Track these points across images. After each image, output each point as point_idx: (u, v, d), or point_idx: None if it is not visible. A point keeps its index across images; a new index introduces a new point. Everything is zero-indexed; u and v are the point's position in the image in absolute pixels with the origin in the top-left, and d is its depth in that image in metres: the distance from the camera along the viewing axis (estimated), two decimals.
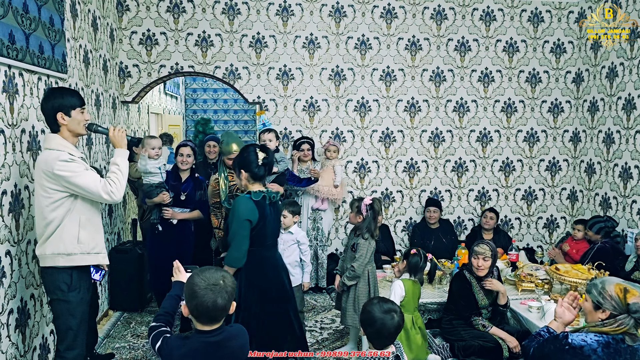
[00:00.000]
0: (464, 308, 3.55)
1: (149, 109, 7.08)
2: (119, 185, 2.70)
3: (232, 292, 1.90)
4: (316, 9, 5.55)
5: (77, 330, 2.70)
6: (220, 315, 1.88)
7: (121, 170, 2.75)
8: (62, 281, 2.66)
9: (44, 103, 2.68)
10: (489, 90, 5.90)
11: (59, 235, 2.63)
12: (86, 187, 2.60)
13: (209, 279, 1.85)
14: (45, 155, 2.61)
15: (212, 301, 1.82)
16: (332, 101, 5.68)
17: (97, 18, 4.55)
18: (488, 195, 6.04)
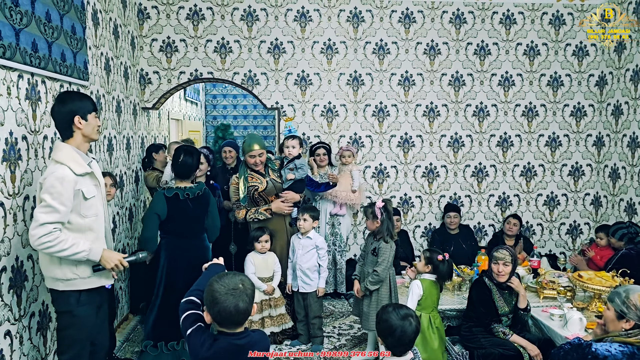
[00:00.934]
0: (484, 315, 3.49)
1: (169, 115, 7.16)
2: (55, 247, 2.43)
3: (252, 295, 1.92)
4: (334, 14, 5.55)
5: (82, 344, 2.63)
6: (243, 319, 1.90)
7: (73, 252, 2.48)
8: (72, 296, 2.59)
9: (59, 107, 2.59)
10: (510, 94, 5.83)
11: (54, 260, 2.51)
12: (36, 215, 2.42)
13: (229, 284, 1.87)
14: (49, 169, 2.50)
15: (234, 305, 1.84)
16: (350, 106, 5.67)
17: (119, 26, 4.62)
18: (509, 200, 5.96)
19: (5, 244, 2.63)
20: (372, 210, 3.72)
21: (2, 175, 2.60)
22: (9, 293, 2.66)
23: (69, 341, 2.61)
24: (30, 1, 2.83)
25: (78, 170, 2.53)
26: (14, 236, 2.71)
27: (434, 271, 3.51)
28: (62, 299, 2.58)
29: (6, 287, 2.63)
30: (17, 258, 2.75)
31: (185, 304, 2.05)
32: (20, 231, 2.78)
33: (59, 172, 2.46)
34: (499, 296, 3.52)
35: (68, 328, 2.60)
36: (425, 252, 3.57)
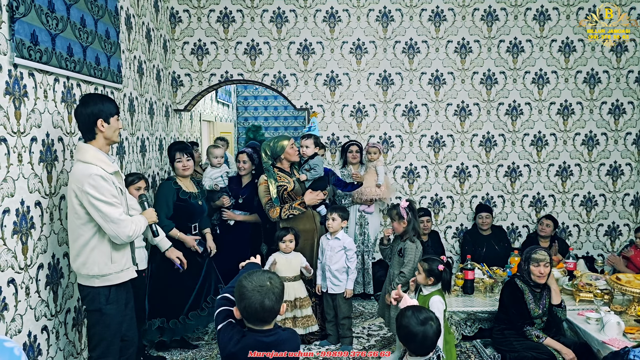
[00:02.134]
0: (516, 317, 3.42)
1: (201, 117, 7.28)
2: (133, 235, 2.64)
3: (280, 294, 1.93)
4: (363, 14, 5.54)
5: (110, 340, 2.67)
6: (269, 317, 1.92)
7: (141, 229, 2.73)
8: (101, 294, 2.64)
9: (82, 109, 2.62)
10: (544, 92, 5.69)
11: (91, 256, 2.59)
12: (106, 213, 2.51)
13: (256, 281, 1.90)
14: (79, 169, 2.54)
15: (259, 302, 1.86)
16: (379, 106, 5.64)
17: (151, 30, 4.72)
18: (544, 201, 5.81)
19: (42, 241, 2.72)
20: (397, 211, 3.69)
21: (39, 176, 2.69)
22: (46, 289, 2.75)
23: (98, 338, 2.66)
24: (65, 7, 2.92)
25: (109, 169, 2.59)
26: (50, 234, 2.80)
27: (437, 282, 3.26)
28: (92, 297, 2.63)
29: (43, 283, 2.72)
30: (54, 255, 2.84)
31: (219, 300, 2.09)
32: (57, 229, 2.87)
33: (94, 170, 2.52)
34: (532, 298, 3.44)
35: (97, 325, 2.66)
36: (423, 264, 3.28)
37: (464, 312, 3.94)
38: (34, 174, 2.64)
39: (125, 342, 2.79)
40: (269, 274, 1.97)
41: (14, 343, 1.55)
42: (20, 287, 2.51)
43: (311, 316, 3.97)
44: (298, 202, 3.99)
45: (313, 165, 4.14)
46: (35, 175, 2.65)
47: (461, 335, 3.96)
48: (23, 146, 2.55)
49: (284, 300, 3.72)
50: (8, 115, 2.42)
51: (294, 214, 3.96)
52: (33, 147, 2.63)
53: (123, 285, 2.74)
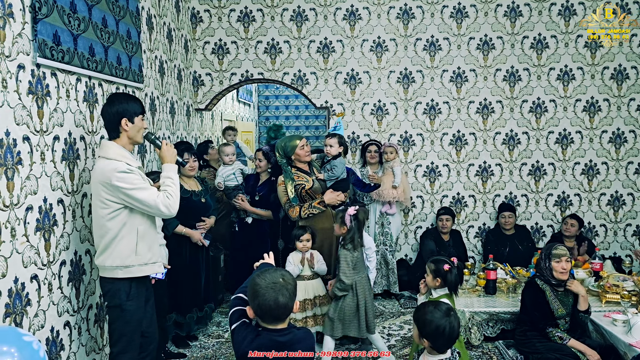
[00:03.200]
0: (538, 318, 3.34)
1: (222, 116, 7.33)
2: (175, 199, 2.68)
3: (293, 290, 1.92)
4: (383, 12, 5.50)
5: (130, 336, 2.69)
6: (283, 314, 1.90)
7: (175, 184, 2.72)
8: (122, 290, 2.65)
9: (108, 108, 2.66)
10: (569, 89, 5.57)
11: (117, 248, 2.61)
12: (144, 200, 2.56)
13: (269, 278, 1.89)
14: (102, 165, 2.57)
15: (273, 299, 1.85)
16: (400, 104, 5.60)
17: (172, 30, 4.77)
18: (569, 200, 5.68)
19: (65, 238, 2.77)
20: (342, 215, 3.62)
21: (62, 174, 2.74)
22: (68, 286, 2.80)
23: (119, 334, 2.69)
24: (87, 8, 2.97)
25: (133, 164, 2.62)
26: (72, 231, 2.85)
27: (444, 283, 3.06)
28: (113, 293, 2.65)
29: (65, 280, 2.77)
30: (76, 252, 2.89)
31: (234, 299, 2.09)
32: (79, 227, 2.92)
33: (118, 165, 2.54)
34: (554, 298, 3.35)
35: (117, 321, 2.68)
36: (430, 265, 3.14)
37: (486, 312, 3.88)
38: (57, 172, 2.69)
39: (146, 338, 2.82)
40: (281, 271, 1.96)
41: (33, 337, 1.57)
42: (43, 283, 2.56)
43: None
44: (317, 201, 3.97)
45: (332, 165, 4.13)
46: (57, 173, 2.70)
47: (483, 336, 3.91)
48: (46, 145, 2.59)
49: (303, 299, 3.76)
50: (31, 114, 2.47)
51: (313, 213, 3.95)
52: (55, 145, 2.68)
53: (143, 282, 2.76)
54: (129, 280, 2.67)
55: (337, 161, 4.14)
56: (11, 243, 2.31)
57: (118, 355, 2.69)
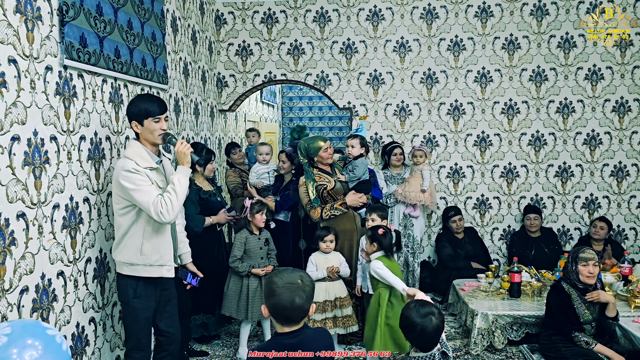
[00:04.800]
0: (564, 323, 3.27)
1: (246, 117, 7.39)
2: (170, 207, 2.53)
3: (310, 293, 1.87)
4: (407, 12, 5.47)
5: (139, 334, 2.71)
6: (297, 316, 1.85)
7: (176, 190, 2.58)
8: (129, 287, 2.67)
9: (127, 109, 2.72)
10: (598, 89, 5.44)
11: (127, 244, 2.63)
12: (141, 203, 2.53)
13: (287, 278, 1.86)
14: (119, 163, 2.61)
15: (289, 300, 1.81)
16: (423, 105, 5.56)
17: (197, 32, 4.83)
18: (597, 202, 5.55)
19: (90, 236, 2.83)
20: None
21: (88, 173, 2.80)
22: (93, 282, 2.86)
23: (129, 330, 2.74)
24: (113, 10, 3.03)
25: (142, 164, 2.59)
26: (98, 229, 2.91)
27: (380, 247, 3.39)
28: (122, 289, 2.70)
29: (91, 277, 2.83)
30: (101, 250, 2.95)
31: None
32: (104, 225, 2.98)
33: (126, 164, 2.55)
34: (580, 302, 3.28)
35: (127, 318, 2.72)
36: (367, 232, 3.49)
37: (509, 315, 3.82)
38: (83, 171, 2.75)
39: (167, 337, 2.85)
40: (300, 272, 1.92)
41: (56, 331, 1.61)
42: (69, 280, 2.62)
43: (352, 316, 3.94)
44: (339, 203, 3.96)
45: (354, 166, 4.12)
46: (83, 172, 2.76)
47: (507, 340, 3.84)
48: (72, 144, 2.65)
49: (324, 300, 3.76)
50: (58, 115, 2.53)
51: (335, 214, 3.94)
52: (82, 145, 2.74)
53: (153, 283, 2.72)
54: (136, 279, 2.67)
55: (358, 162, 4.13)
56: (38, 240, 2.37)
57: (131, 351, 2.75)
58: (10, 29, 2.18)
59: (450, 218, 5.23)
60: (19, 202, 2.23)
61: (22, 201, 2.25)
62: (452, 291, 4.58)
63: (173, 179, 2.62)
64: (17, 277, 2.21)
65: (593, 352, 3.14)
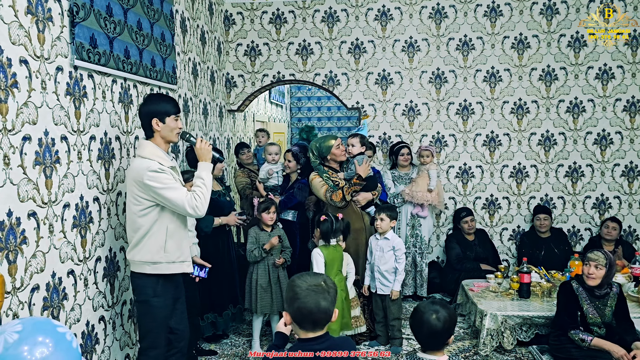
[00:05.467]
0: (565, 320, 3.24)
1: (255, 117, 7.41)
2: (203, 200, 2.65)
3: (334, 295, 1.82)
4: (415, 11, 5.45)
5: (157, 332, 2.73)
6: (323, 319, 1.79)
7: (206, 184, 2.69)
8: (149, 286, 2.69)
9: (141, 108, 2.72)
10: (609, 88, 5.39)
11: (146, 244, 2.65)
12: (173, 200, 2.58)
13: (311, 281, 1.80)
14: (137, 163, 2.62)
15: (314, 303, 1.74)
16: (432, 105, 5.54)
17: (206, 32, 4.86)
18: (608, 202, 5.50)
19: (100, 235, 2.85)
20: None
21: (98, 173, 2.83)
22: (103, 281, 2.88)
23: (145, 329, 2.73)
24: (123, 11, 3.05)
25: (165, 164, 2.64)
26: (107, 229, 2.93)
27: (320, 233, 3.67)
28: (141, 289, 2.70)
29: (100, 275, 2.85)
30: (111, 249, 2.97)
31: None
32: (114, 224, 3.00)
33: (151, 164, 2.58)
34: (589, 304, 3.25)
35: (144, 316, 2.72)
36: (317, 220, 3.75)
37: (519, 316, 3.80)
38: (93, 170, 2.77)
39: (176, 335, 2.86)
40: (323, 275, 1.87)
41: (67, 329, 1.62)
42: (79, 278, 2.64)
43: (359, 317, 3.95)
44: (355, 178, 3.99)
45: (352, 162, 4.13)
46: (93, 172, 2.78)
47: (516, 341, 3.82)
48: (82, 144, 2.68)
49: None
50: (69, 115, 2.56)
51: (356, 189, 3.99)
52: (92, 145, 2.77)
53: (171, 280, 2.77)
54: (157, 277, 2.69)
55: (356, 158, 4.13)
56: (49, 239, 2.39)
57: (146, 350, 2.74)
58: (21, 30, 2.20)
59: (462, 219, 5.21)
60: (30, 201, 2.25)
61: (33, 200, 2.27)
62: (461, 291, 4.56)
63: (199, 174, 2.72)
64: (28, 276, 2.23)
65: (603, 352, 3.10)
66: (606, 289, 3.29)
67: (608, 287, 3.30)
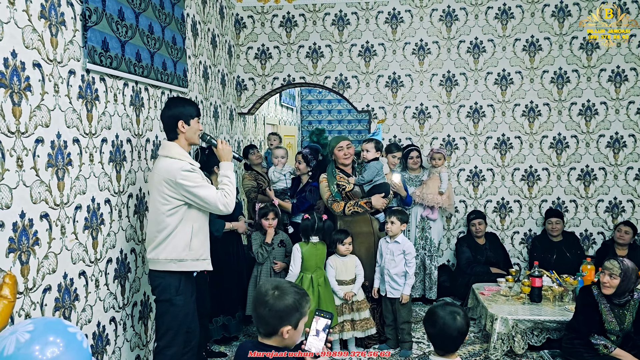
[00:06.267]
0: (585, 325, 3.20)
1: (265, 120, 7.43)
2: (232, 197, 2.80)
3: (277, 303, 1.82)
4: (426, 14, 5.45)
5: (176, 330, 2.78)
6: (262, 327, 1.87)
7: (232, 182, 2.84)
8: (172, 285, 2.75)
9: (166, 111, 2.81)
10: (622, 91, 5.34)
11: (172, 242, 2.72)
12: (205, 198, 2.70)
13: (258, 289, 1.89)
14: (167, 163, 2.69)
15: (253, 312, 1.86)
16: (443, 107, 5.52)
17: (216, 36, 4.89)
18: (621, 206, 5.44)
19: (111, 237, 2.87)
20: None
21: (109, 175, 2.85)
22: (114, 283, 2.91)
23: (165, 328, 2.78)
24: (134, 15, 3.08)
25: (193, 163, 2.78)
26: (119, 230, 2.95)
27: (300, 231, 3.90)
28: (163, 287, 2.76)
29: (111, 277, 2.88)
30: (122, 251, 2.99)
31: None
32: (125, 226, 3.02)
33: (183, 164, 2.69)
34: (609, 310, 3.21)
35: (165, 315, 2.78)
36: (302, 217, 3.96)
37: (530, 320, 3.76)
38: (104, 173, 2.80)
39: (189, 334, 2.90)
40: (276, 281, 1.90)
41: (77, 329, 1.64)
42: (91, 280, 2.66)
43: (369, 319, 3.94)
44: (364, 201, 3.96)
45: (365, 168, 4.12)
46: (105, 174, 2.81)
47: (527, 345, 3.79)
48: (94, 147, 2.71)
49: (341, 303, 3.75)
50: (81, 118, 2.58)
51: (358, 210, 3.95)
52: (103, 147, 2.80)
53: (191, 278, 2.87)
54: (179, 275, 2.76)
55: (369, 165, 4.11)
56: (61, 240, 2.42)
57: (164, 349, 2.78)
58: (35, 34, 2.24)
59: (470, 221, 5.19)
60: (43, 202, 2.28)
61: (46, 202, 2.30)
62: (472, 295, 4.54)
63: (224, 173, 2.87)
64: (40, 277, 2.26)
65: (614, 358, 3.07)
66: (626, 297, 3.23)
67: (629, 295, 3.24)
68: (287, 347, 1.85)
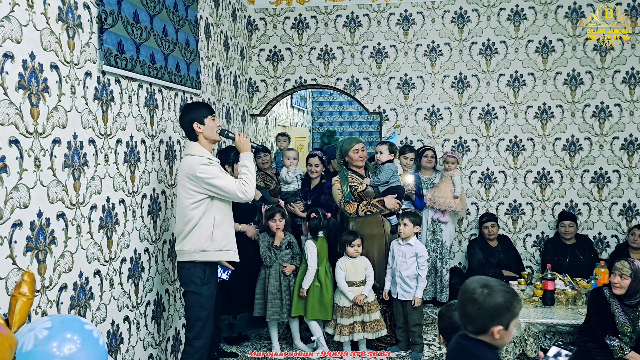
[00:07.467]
0: (599, 326, 3.18)
1: (277, 122, 7.46)
2: (251, 185, 2.93)
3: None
4: (438, 16, 5.44)
5: (205, 321, 2.94)
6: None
7: (250, 171, 2.97)
8: (197, 275, 2.91)
9: (182, 118, 3.01)
10: (636, 93, 5.29)
11: (196, 233, 2.89)
12: (223, 187, 2.86)
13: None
14: (188, 160, 2.91)
15: None
16: (454, 109, 5.51)
17: (229, 38, 4.92)
18: (635, 209, 5.39)
19: (125, 237, 2.91)
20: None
21: (124, 175, 2.89)
22: (128, 282, 2.94)
23: (194, 319, 2.93)
24: (149, 18, 3.12)
25: (212, 158, 2.99)
26: (132, 230, 2.99)
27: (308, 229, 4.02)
28: (189, 278, 2.92)
29: (125, 276, 2.91)
30: (135, 250, 3.02)
31: None
32: (139, 226, 3.06)
33: (201, 159, 2.88)
34: (621, 311, 3.18)
35: (193, 306, 2.93)
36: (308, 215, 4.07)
37: (542, 323, 3.74)
38: (119, 173, 2.83)
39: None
40: (484, 280, 1.78)
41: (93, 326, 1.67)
42: (105, 279, 2.70)
43: (380, 320, 3.94)
44: (377, 200, 3.97)
45: (379, 170, 4.12)
46: (119, 174, 2.84)
47: (540, 348, 3.76)
48: (109, 147, 2.74)
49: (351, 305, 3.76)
50: (96, 119, 2.62)
51: (372, 210, 3.96)
52: (118, 148, 2.83)
53: (215, 269, 3.03)
54: (204, 265, 2.92)
55: (384, 166, 4.12)
56: (76, 239, 2.45)
57: (193, 340, 2.92)
58: (52, 37, 2.27)
59: (483, 223, 5.17)
60: (59, 202, 2.31)
61: (62, 202, 2.33)
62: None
63: (243, 163, 3.00)
64: (57, 275, 2.29)
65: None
66: (638, 298, 3.20)
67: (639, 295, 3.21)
68: (497, 347, 1.76)
